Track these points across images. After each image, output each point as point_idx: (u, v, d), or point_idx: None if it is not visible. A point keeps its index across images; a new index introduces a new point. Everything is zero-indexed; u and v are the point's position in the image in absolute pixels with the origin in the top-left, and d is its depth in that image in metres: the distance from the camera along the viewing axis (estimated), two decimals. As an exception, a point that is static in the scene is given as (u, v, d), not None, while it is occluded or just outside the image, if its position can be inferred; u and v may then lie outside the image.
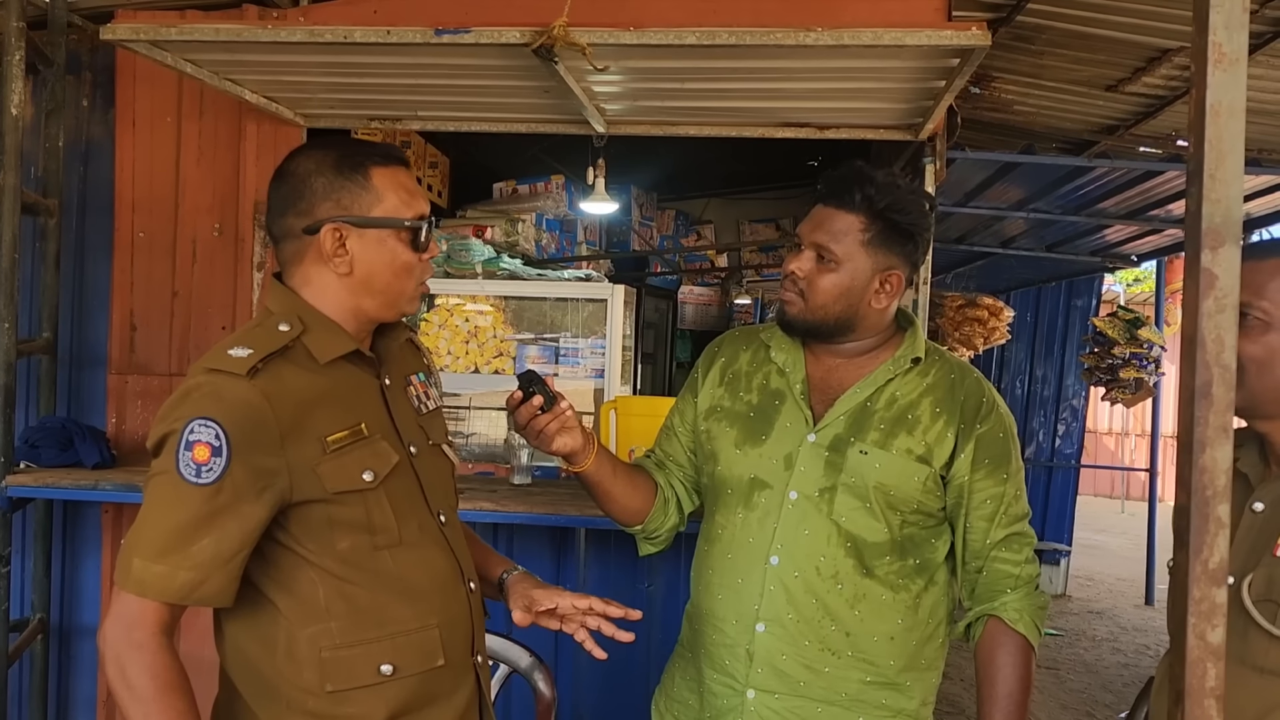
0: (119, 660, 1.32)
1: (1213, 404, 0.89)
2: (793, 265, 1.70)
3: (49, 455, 3.18)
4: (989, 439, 1.70)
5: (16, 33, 2.92)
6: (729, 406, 1.81)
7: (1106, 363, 6.64)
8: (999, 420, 1.73)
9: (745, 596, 1.70)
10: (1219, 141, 0.87)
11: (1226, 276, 0.88)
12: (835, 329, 1.72)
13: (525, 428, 1.68)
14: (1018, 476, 1.74)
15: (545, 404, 1.67)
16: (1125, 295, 12.54)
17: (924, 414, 1.69)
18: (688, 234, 7.79)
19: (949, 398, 1.71)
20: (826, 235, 1.67)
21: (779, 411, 1.75)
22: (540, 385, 1.68)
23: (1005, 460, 1.72)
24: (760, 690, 1.68)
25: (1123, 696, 5.49)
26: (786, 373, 1.77)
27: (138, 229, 3.66)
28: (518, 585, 1.68)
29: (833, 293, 1.68)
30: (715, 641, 1.74)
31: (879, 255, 1.68)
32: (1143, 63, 3.68)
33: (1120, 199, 5.46)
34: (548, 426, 1.66)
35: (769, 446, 1.73)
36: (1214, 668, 0.88)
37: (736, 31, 2.46)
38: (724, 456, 1.77)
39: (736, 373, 1.83)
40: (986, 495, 1.71)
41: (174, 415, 1.34)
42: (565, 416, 1.67)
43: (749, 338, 1.88)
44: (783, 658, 1.67)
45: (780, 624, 1.67)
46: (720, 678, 1.73)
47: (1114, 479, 14.84)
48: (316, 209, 1.44)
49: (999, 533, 1.72)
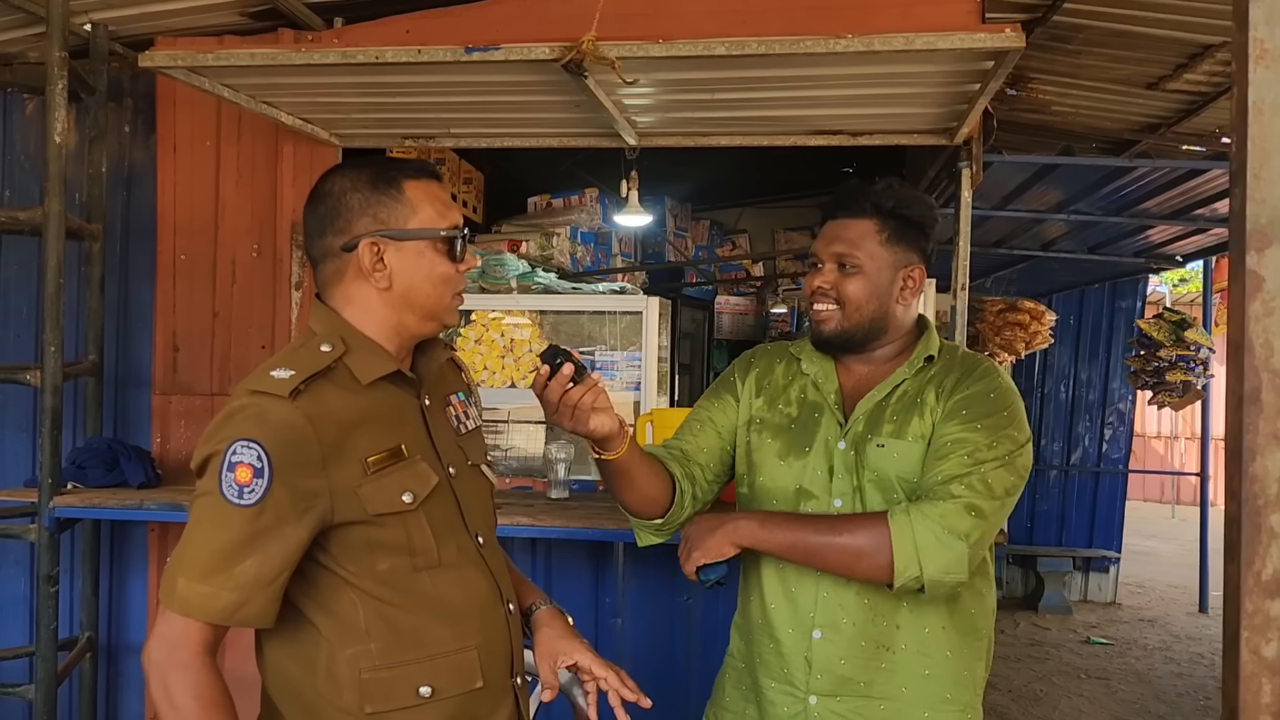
0: (164, 680, 1.33)
1: (1262, 410, 0.87)
2: (818, 281, 1.75)
3: (95, 476, 3.24)
4: (972, 396, 1.69)
5: (59, 62, 2.99)
6: (768, 418, 1.82)
7: (1152, 365, 6.51)
8: (990, 383, 1.70)
9: (800, 606, 1.72)
10: (1262, 140, 0.85)
11: (1274, 278, 0.86)
12: (870, 334, 1.75)
13: (557, 405, 1.54)
14: (1000, 439, 1.64)
15: (577, 372, 1.53)
16: (1171, 296, 12.31)
17: (929, 396, 1.72)
18: (722, 244, 7.77)
19: (947, 376, 1.74)
20: (845, 245, 1.73)
21: (819, 424, 1.77)
22: (566, 356, 1.54)
23: (985, 415, 1.66)
24: (822, 695, 1.70)
25: (1176, 707, 5.37)
26: (820, 385, 1.80)
27: (179, 251, 3.72)
28: (545, 629, 1.64)
29: (863, 295, 1.72)
30: (772, 650, 1.75)
31: (898, 252, 1.73)
32: (1184, 59, 3.61)
33: (1163, 199, 5.35)
34: (582, 400, 1.54)
35: (812, 458, 1.75)
36: (1269, 683, 0.86)
37: (766, 41, 2.45)
38: (767, 468, 1.79)
39: (774, 385, 1.85)
40: (951, 438, 1.65)
41: (218, 437, 1.35)
42: (599, 390, 1.57)
43: (780, 352, 1.91)
44: (841, 662, 1.69)
45: (836, 629, 1.69)
46: (780, 686, 1.74)
47: (1164, 484, 14.56)
48: (354, 225, 1.45)
49: (952, 468, 1.62)
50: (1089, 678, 5.87)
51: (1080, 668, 6.06)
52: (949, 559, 1.58)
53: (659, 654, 3.16)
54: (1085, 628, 7.07)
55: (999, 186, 5.08)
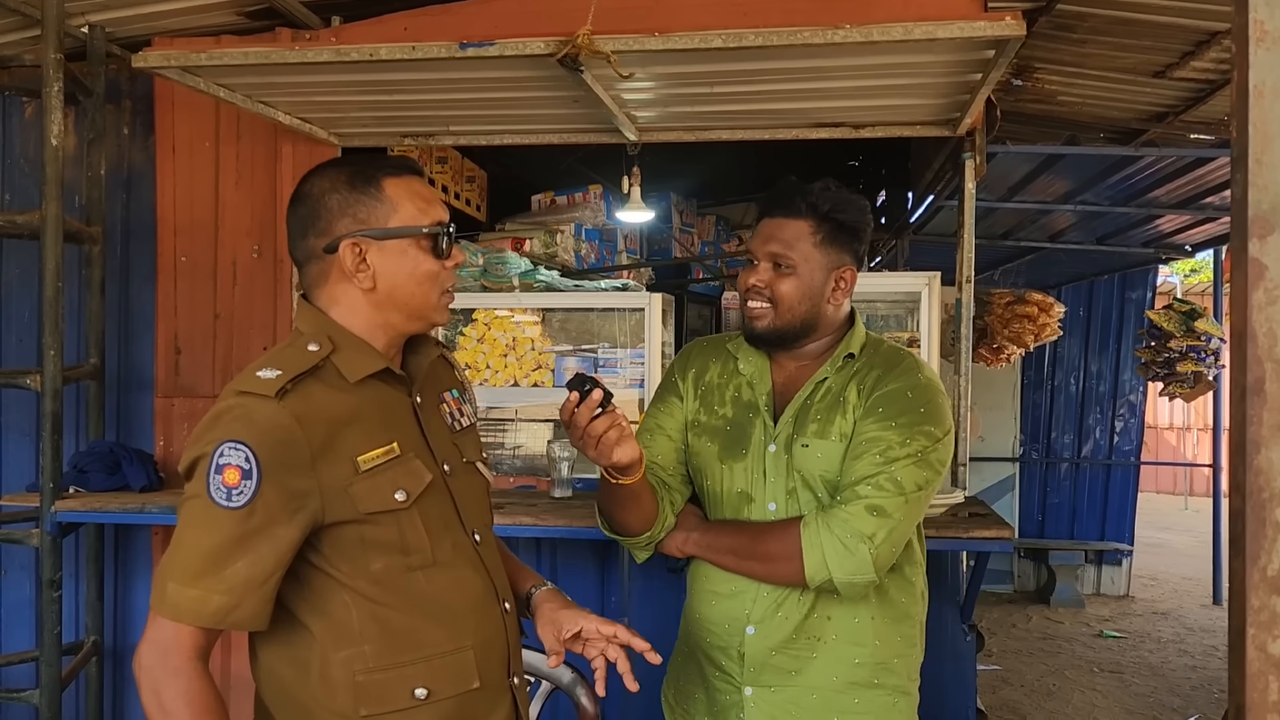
0: (155, 686, 1.32)
1: (1266, 401, 0.84)
2: (752, 279, 1.78)
3: (97, 480, 3.23)
4: (891, 394, 1.72)
5: (54, 64, 2.98)
6: (705, 421, 1.86)
7: (1163, 356, 6.45)
8: (909, 379, 1.74)
9: (738, 603, 1.78)
10: (1264, 124, 0.83)
11: (1277, 265, 0.83)
12: (801, 332, 1.79)
13: (584, 432, 1.57)
14: (912, 436, 1.68)
15: (605, 399, 1.56)
16: (1183, 287, 12.21)
17: (851, 394, 1.76)
18: (729, 239, 7.74)
19: (869, 373, 1.77)
20: (780, 244, 1.76)
21: (753, 425, 1.81)
22: (595, 384, 1.57)
23: (901, 413, 1.70)
24: (757, 686, 1.76)
25: (1190, 700, 5.32)
26: (754, 384, 1.83)
27: (180, 253, 3.71)
28: (545, 605, 1.64)
29: (796, 296, 1.76)
30: (710, 644, 1.82)
31: (831, 254, 1.77)
32: (1191, 46, 3.57)
33: (1172, 187, 5.30)
34: (607, 433, 1.57)
35: (749, 460, 1.80)
36: (1276, 681, 0.83)
37: (763, 32, 2.42)
38: (710, 471, 1.84)
39: (709, 385, 1.89)
40: (866, 436, 1.70)
41: (205, 439, 1.34)
42: (622, 424, 1.60)
43: (716, 349, 1.93)
44: (773, 654, 1.75)
45: (769, 624, 1.75)
46: (720, 675, 1.81)
47: (1176, 475, 14.49)
48: (334, 226, 1.43)
49: (864, 468, 1.67)
50: (1102, 671, 5.82)
51: (1093, 661, 6.02)
52: (855, 563, 1.65)
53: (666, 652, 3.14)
54: (1098, 621, 7.03)
55: (1005, 178, 5.03)
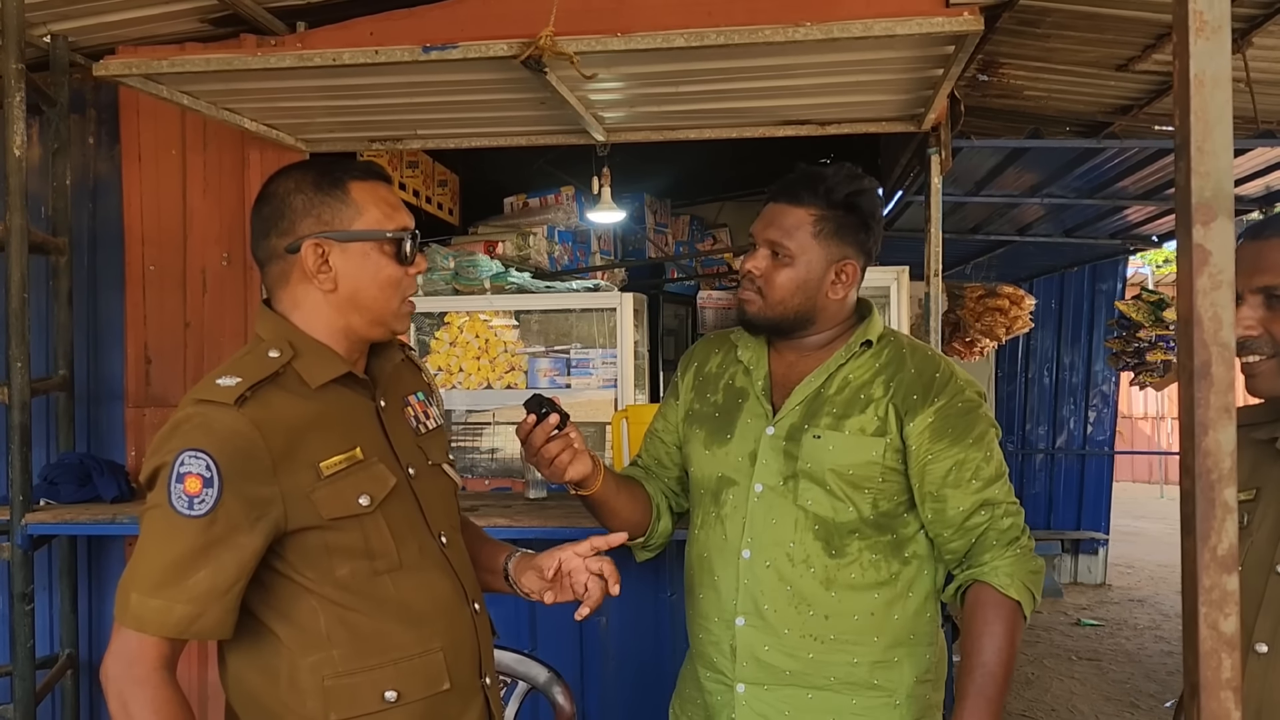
0: (121, 697, 1.31)
1: (1213, 384, 0.85)
2: (749, 264, 1.74)
3: (68, 492, 3.20)
4: (948, 411, 1.69)
5: (16, 74, 2.94)
6: (698, 409, 1.85)
7: (1133, 346, 6.53)
8: (958, 392, 1.71)
9: (723, 593, 1.74)
10: (1204, 112, 0.84)
11: (1220, 252, 0.85)
12: (795, 323, 1.74)
13: (538, 452, 1.66)
14: (985, 442, 1.70)
15: (561, 421, 1.65)
16: (1154, 277, 12.34)
17: (877, 391, 1.71)
18: (703, 238, 7.75)
19: (900, 372, 1.72)
20: (779, 231, 1.71)
21: (741, 409, 1.78)
22: (550, 405, 1.66)
23: (969, 429, 1.70)
24: (749, 683, 1.71)
25: (1167, 685, 5.38)
26: (750, 370, 1.80)
27: (148, 262, 3.68)
28: (521, 562, 1.67)
29: (789, 287, 1.71)
30: (703, 640, 1.78)
31: (832, 246, 1.71)
32: (1152, 40, 3.60)
33: (1136, 179, 5.35)
34: (560, 456, 1.65)
35: (734, 444, 1.76)
36: (1229, 658, 0.84)
37: (725, 31, 2.44)
38: (695, 459, 1.82)
39: (707, 376, 1.88)
40: (952, 462, 1.68)
41: (165, 448, 1.33)
42: (574, 446, 1.68)
43: (720, 341, 1.92)
44: (765, 649, 1.70)
45: (758, 615, 1.70)
46: (712, 674, 1.77)
47: (1151, 464, 14.63)
48: (297, 226, 1.43)
49: (972, 498, 1.68)
50: (1080, 659, 5.88)
51: (1071, 649, 6.08)
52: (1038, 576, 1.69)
53: (644, 652, 3.15)
54: (1076, 610, 7.10)
55: (972, 172, 5.07)
